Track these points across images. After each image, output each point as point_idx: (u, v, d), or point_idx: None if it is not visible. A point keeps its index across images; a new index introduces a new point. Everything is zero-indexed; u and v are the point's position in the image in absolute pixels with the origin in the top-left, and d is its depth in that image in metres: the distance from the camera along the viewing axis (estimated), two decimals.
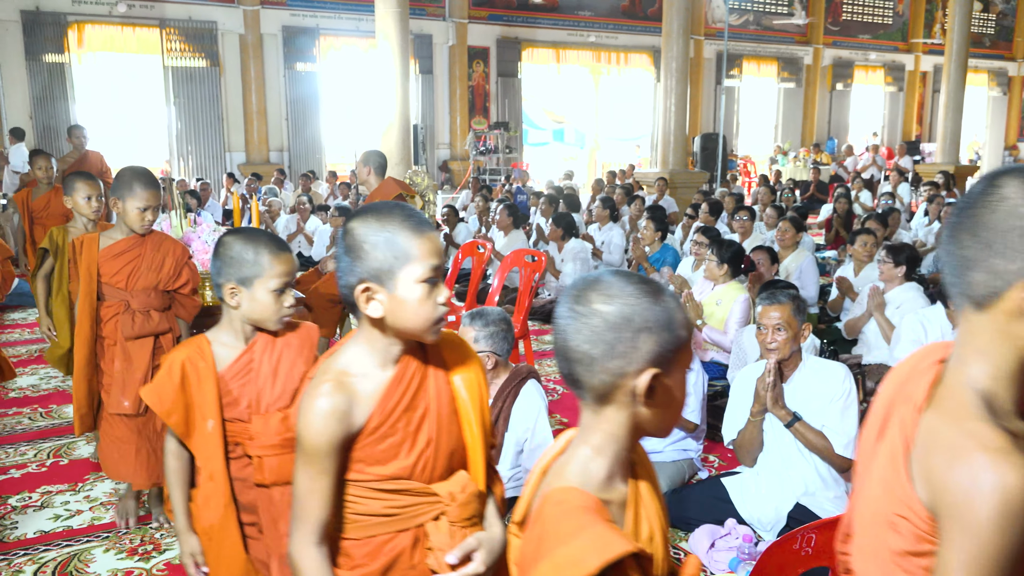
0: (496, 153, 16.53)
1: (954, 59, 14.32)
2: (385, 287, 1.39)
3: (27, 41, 13.02)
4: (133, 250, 3.06)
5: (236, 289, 1.92)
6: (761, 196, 10.07)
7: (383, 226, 1.39)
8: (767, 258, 5.25)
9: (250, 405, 1.96)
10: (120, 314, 3.05)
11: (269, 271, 1.91)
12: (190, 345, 1.99)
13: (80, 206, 3.54)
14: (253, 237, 1.94)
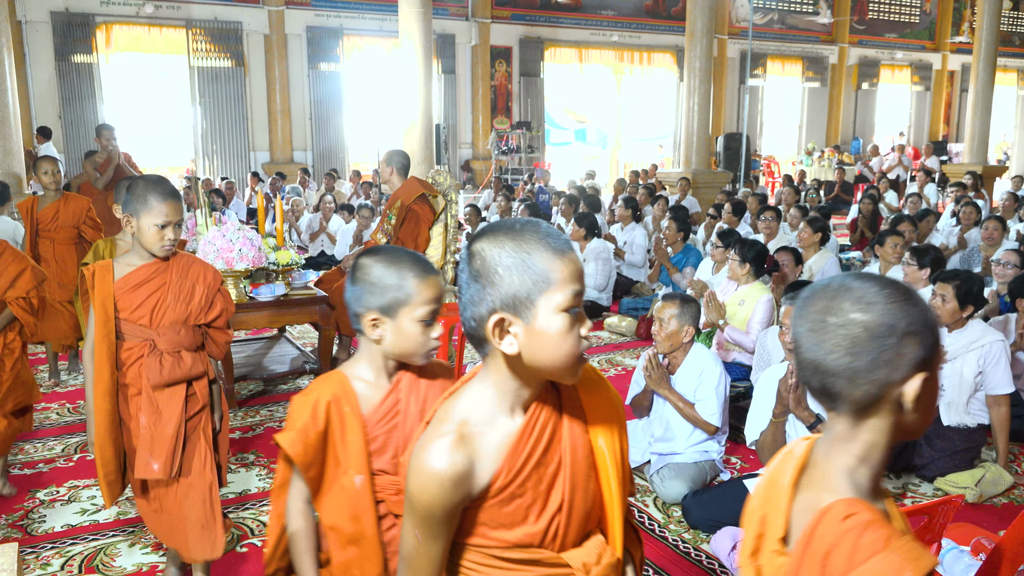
0: (518, 153, 16.53)
1: (983, 58, 14.12)
2: (521, 318, 1.21)
3: (56, 41, 13.22)
4: (156, 278, 2.55)
5: (379, 320, 1.64)
6: (785, 196, 10.00)
7: (518, 246, 1.21)
8: (791, 259, 5.22)
9: (396, 454, 1.69)
10: (145, 357, 2.55)
11: (416, 298, 1.62)
12: (331, 382, 1.69)
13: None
14: (396, 258, 1.65)
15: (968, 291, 3.62)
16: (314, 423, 1.64)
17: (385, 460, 1.68)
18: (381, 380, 1.71)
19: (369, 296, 1.63)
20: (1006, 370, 3.59)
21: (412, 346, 1.65)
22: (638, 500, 3.51)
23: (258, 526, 3.27)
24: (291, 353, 5.40)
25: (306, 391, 1.70)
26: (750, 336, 4.59)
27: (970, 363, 3.64)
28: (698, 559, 3.04)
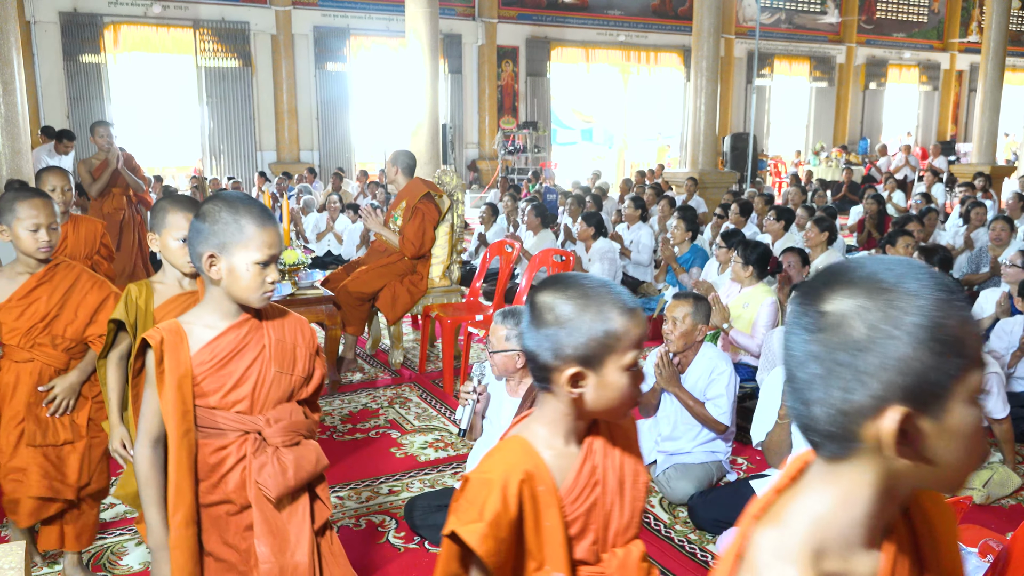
0: (524, 152, 16.53)
1: (991, 57, 14.06)
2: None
3: (64, 42, 13.28)
4: (252, 343, 1.81)
5: (582, 374, 1.30)
6: (792, 196, 9.98)
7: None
8: (797, 260, 5.19)
9: (597, 540, 1.39)
10: (250, 457, 1.81)
11: (623, 340, 1.31)
12: (518, 454, 1.35)
13: (173, 252, 2.36)
14: (589, 291, 1.32)
15: None
16: (505, 510, 1.29)
17: (585, 547, 1.38)
18: (571, 446, 1.39)
19: (566, 339, 1.29)
20: (998, 396, 3.62)
21: (619, 399, 1.33)
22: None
23: None
24: None
25: (486, 467, 1.35)
26: (755, 340, 4.57)
27: None
28: (704, 560, 3.04)
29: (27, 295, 2.59)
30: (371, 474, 3.73)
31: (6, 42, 7.95)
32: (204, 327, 1.80)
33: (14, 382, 2.61)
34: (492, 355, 3.01)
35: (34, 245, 2.53)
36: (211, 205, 1.75)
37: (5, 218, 2.54)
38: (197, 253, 1.75)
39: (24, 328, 2.59)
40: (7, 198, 2.56)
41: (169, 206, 2.35)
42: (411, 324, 6.25)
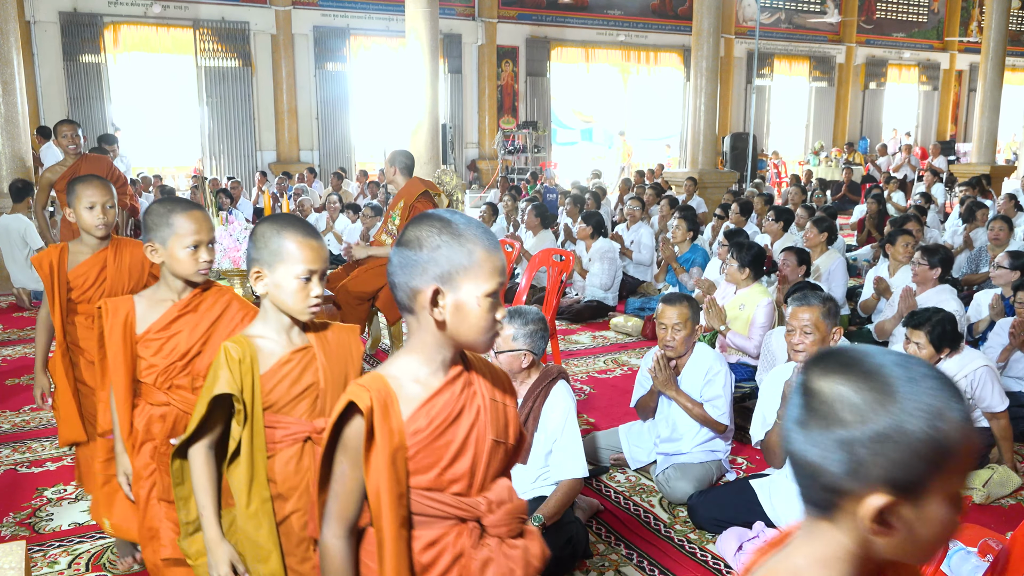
0: (524, 152, 16.53)
1: (991, 57, 14.07)
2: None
3: (64, 42, 13.28)
4: (468, 407, 1.47)
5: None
6: (792, 196, 9.99)
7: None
8: (794, 260, 5.19)
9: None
10: (470, 552, 1.48)
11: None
12: None
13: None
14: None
15: (942, 334, 3.51)
16: None
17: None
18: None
19: None
20: (995, 389, 3.61)
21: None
22: (644, 500, 3.51)
23: None
24: None
25: None
26: (752, 341, 4.58)
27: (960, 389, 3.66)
28: (704, 559, 3.04)
29: (168, 326, 2.22)
30: None
31: (6, 42, 7.96)
32: (414, 383, 1.43)
33: (145, 428, 2.25)
34: (497, 355, 3.01)
35: (193, 267, 2.19)
36: (424, 228, 1.39)
37: (159, 234, 2.18)
38: (412, 289, 1.38)
39: (162, 365, 2.22)
40: (160, 211, 2.20)
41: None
42: None
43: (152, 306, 2.24)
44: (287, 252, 1.79)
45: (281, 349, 1.87)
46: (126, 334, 2.20)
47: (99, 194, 2.81)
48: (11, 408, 4.66)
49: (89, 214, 2.80)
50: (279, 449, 1.86)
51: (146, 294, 2.29)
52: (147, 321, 2.23)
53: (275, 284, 1.81)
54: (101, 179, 2.95)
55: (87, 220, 2.81)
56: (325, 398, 1.88)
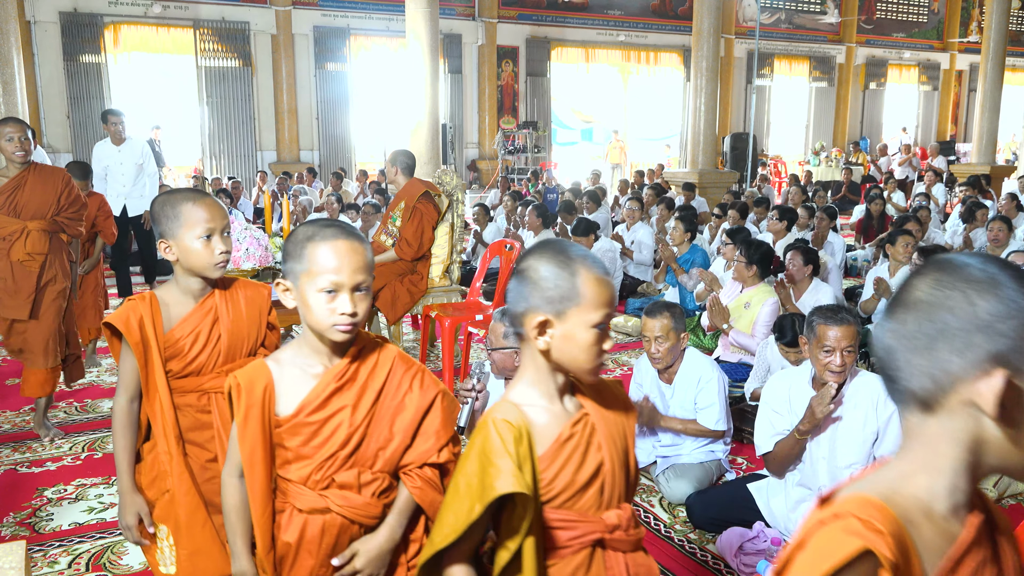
0: (524, 152, 16.53)
1: (991, 57, 14.07)
2: None
3: (65, 42, 13.28)
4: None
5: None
6: (792, 196, 9.99)
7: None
8: (800, 259, 5.18)
9: None
10: None
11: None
12: None
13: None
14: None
15: None
16: None
17: None
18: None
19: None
20: None
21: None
22: (644, 500, 3.51)
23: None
24: None
25: None
26: (755, 340, 4.56)
27: None
28: (704, 560, 3.04)
29: (325, 403, 1.62)
30: None
31: (6, 42, 7.97)
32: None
33: (297, 541, 1.65)
34: (491, 353, 3.01)
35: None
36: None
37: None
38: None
39: (319, 458, 1.63)
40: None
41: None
42: (411, 324, 6.25)
43: (304, 376, 1.65)
44: (587, 294, 1.41)
45: (556, 420, 1.47)
46: (266, 418, 1.62)
47: None
48: (11, 408, 4.66)
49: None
50: (563, 558, 1.47)
51: (289, 349, 1.71)
52: (292, 403, 1.63)
53: (566, 336, 1.41)
54: None
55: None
56: (614, 483, 1.50)
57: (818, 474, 2.99)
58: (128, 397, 2.07)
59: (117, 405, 2.08)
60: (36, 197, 3.99)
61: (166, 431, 2.04)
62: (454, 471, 1.48)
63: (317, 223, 1.63)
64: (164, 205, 2.03)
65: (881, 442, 2.89)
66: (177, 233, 2.01)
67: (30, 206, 3.97)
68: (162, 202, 2.04)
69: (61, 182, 4.07)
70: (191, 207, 2.00)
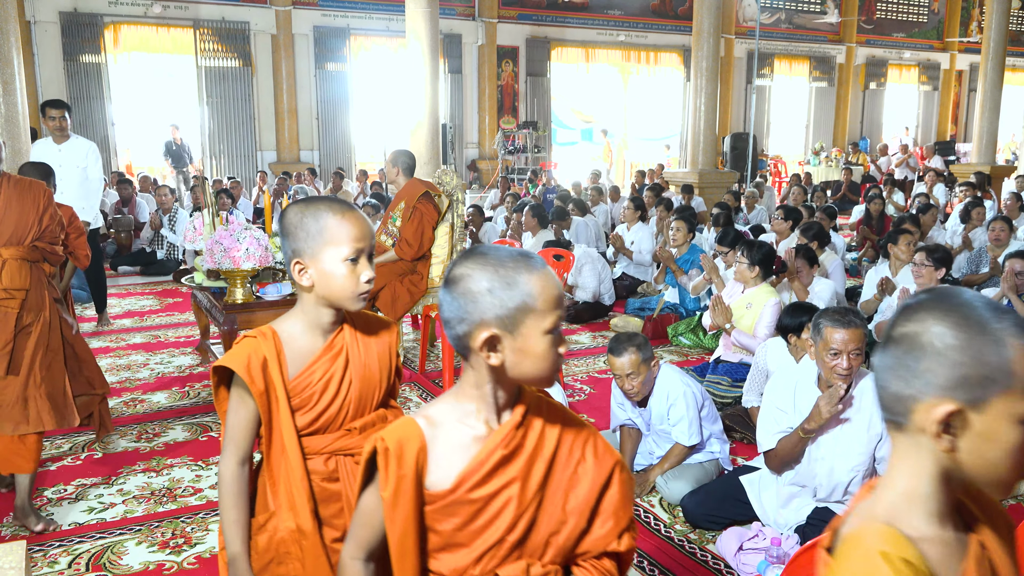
0: (524, 152, 16.53)
1: (991, 57, 14.07)
2: None
3: (65, 42, 13.28)
4: None
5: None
6: (794, 196, 10.00)
7: None
8: (804, 261, 5.18)
9: None
10: None
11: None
12: None
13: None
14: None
15: None
16: None
17: None
18: None
19: None
20: None
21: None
22: (644, 500, 3.51)
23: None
24: None
25: None
26: (757, 340, 4.56)
27: None
28: (704, 559, 3.04)
29: (491, 474, 1.32)
30: None
31: (6, 42, 7.96)
32: None
33: None
34: None
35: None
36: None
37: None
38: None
39: (481, 544, 1.33)
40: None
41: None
42: (411, 324, 6.25)
43: (466, 447, 1.34)
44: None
45: None
46: (419, 493, 1.32)
47: None
48: None
49: None
50: None
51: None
52: (447, 475, 1.32)
53: None
54: None
55: None
56: None
57: (816, 474, 2.99)
58: (240, 459, 1.72)
59: (226, 470, 1.72)
60: (11, 217, 3.14)
61: (296, 503, 1.67)
62: None
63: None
64: (304, 215, 1.64)
65: (884, 443, 2.90)
66: (317, 252, 1.62)
67: (3, 229, 3.13)
68: (300, 212, 1.65)
69: (43, 198, 3.23)
70: (338, 221, 1.62)
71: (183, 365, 5.54)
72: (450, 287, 1.27)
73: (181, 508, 3.42)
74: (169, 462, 3.90)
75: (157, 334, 6.41)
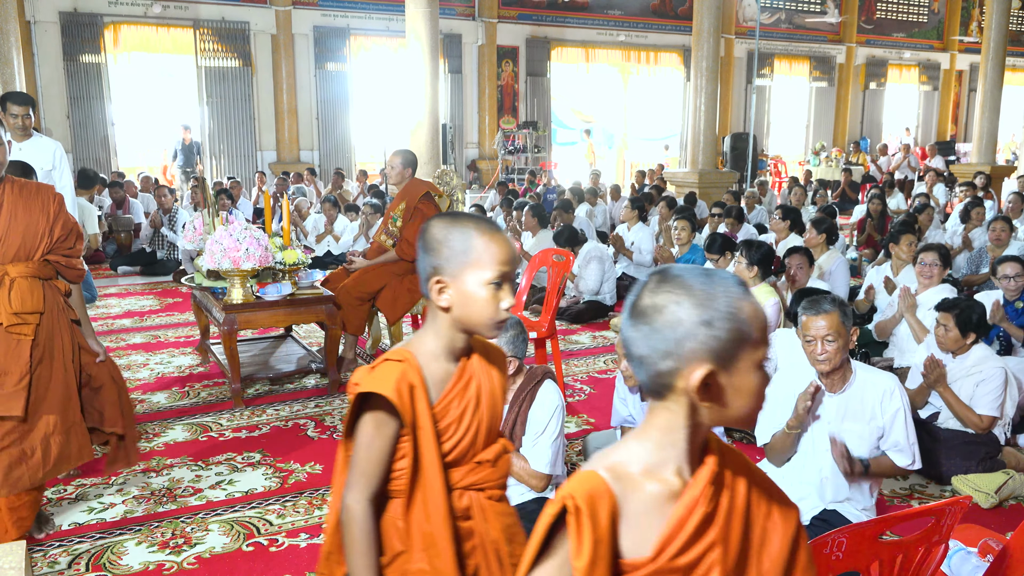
0: (524, 152, 16.53)
1: (991, 57, 14.07)
2: None
3: (65, 42, 13.27)
4: None
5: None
6: (795, 197, 10.00)
7: None
8: (804, 261, 5.18)
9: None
10: None
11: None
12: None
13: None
14: None
15: (968, 319, 3.71)
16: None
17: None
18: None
19: None
20: (995, 395, 3.64)
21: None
22: None
23: (264, 525, 3.28)
24: (297, 352, 5.42)
25: None
26: None
27: (967, 387, 3.72)
28: None
29: (694, 539, 1.16)
30: None
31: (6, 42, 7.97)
32: None
33: None
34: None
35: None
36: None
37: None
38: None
39: None
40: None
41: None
42: (411, 324, 6.25)
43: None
44: None
45: None
46: (612, 561, 1.14)
47: None
48: None
49: None
50: None
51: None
52: (636, 525, 1.15)
53: None
54: None
55: None
56: None
57: (821, 467, 2.98)
58: (371, 494, 1.54)
59: (356, 506, 1.53)
60: (18, 228, 2.75)
61: (438, 543, 1.54)
62: None
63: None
64: (450, 232, 1.53)
65: (887, 437, 2.91)
66: (460, 273, 1.51)
67: (10, 242, 2.73)
68: (446, 227, 1.54)
69: (53, 203, 2.82)
70: (486, 242, 1.51)
71: (183, 365, 5.54)
72: (646, 319, 1.13)
73: (181, 508, 3.42)
74: (169, 462, 3.90)
75: (157, 334, 6.41)
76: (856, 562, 1.91)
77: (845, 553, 1.89)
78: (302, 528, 3.24)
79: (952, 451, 3.67)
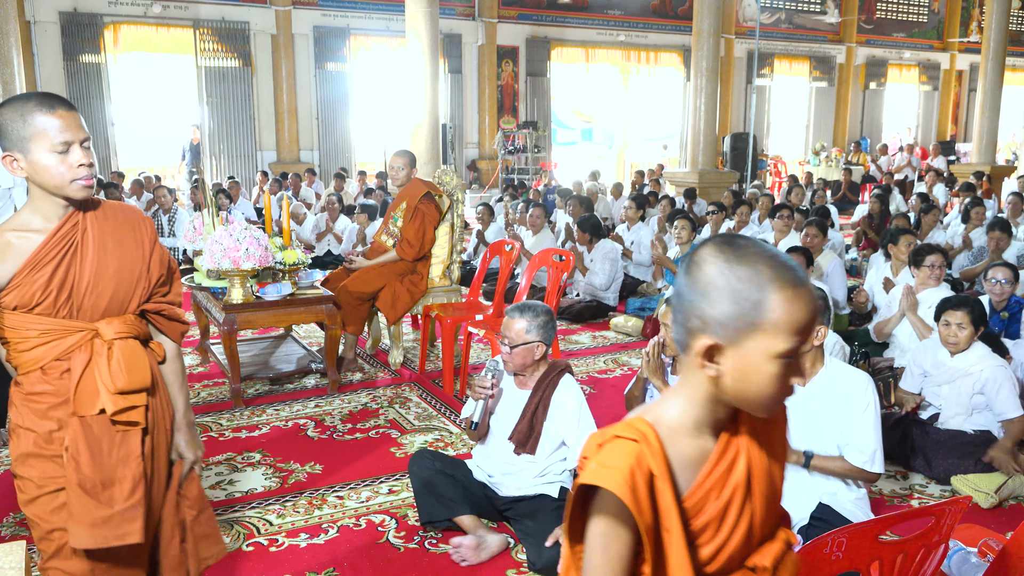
0: (524, 152, 16.54)
1: (991, 57, 14.08)
2: None
3: (65, 42, 13.28)
4: None
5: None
6: (795, 196, 10.00)
7: None
8: (803, 259, 5.18)
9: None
10: None
11: None
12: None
13: None
14: None
15: (981, 314, 3.70)
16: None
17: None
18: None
19: None
20: (1011, 393, 3.60)
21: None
22: None
23: (264, 525, 3.27)
24: (297, 352, 5.42)
25: None
26: None
27: (966, 387, 3.70)
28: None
29: None
30: (371, 474, 3.73)
31: (6, 42, 7.97)
32: None
33: None
34: (512, 350, 3.00)
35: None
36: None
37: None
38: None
39: None
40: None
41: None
42: (411, 324, 6.25)
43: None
44: None
45: None
46: None
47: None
48: None
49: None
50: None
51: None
52: None
53: None
54: None
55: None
56: None
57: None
58: None
59: None
60: (110, 268, 1.92)
61: None
62: None
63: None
64: (734, 274, 1.16)
65: (846, 433, 2.83)
66: (744, 337, 1.15)
67: (101, 289, 1.91)
68: (729, 267, 1.19)
69: (147, 231, 2.02)
70: (787, 299, 1.13)
71: None
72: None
73: None
74: None
75: None
76: (856, 562, 1.91)
77: (845, 553, 1.89)
78: (302, 528, 3.24)
79: (951, 451, 3.67)
